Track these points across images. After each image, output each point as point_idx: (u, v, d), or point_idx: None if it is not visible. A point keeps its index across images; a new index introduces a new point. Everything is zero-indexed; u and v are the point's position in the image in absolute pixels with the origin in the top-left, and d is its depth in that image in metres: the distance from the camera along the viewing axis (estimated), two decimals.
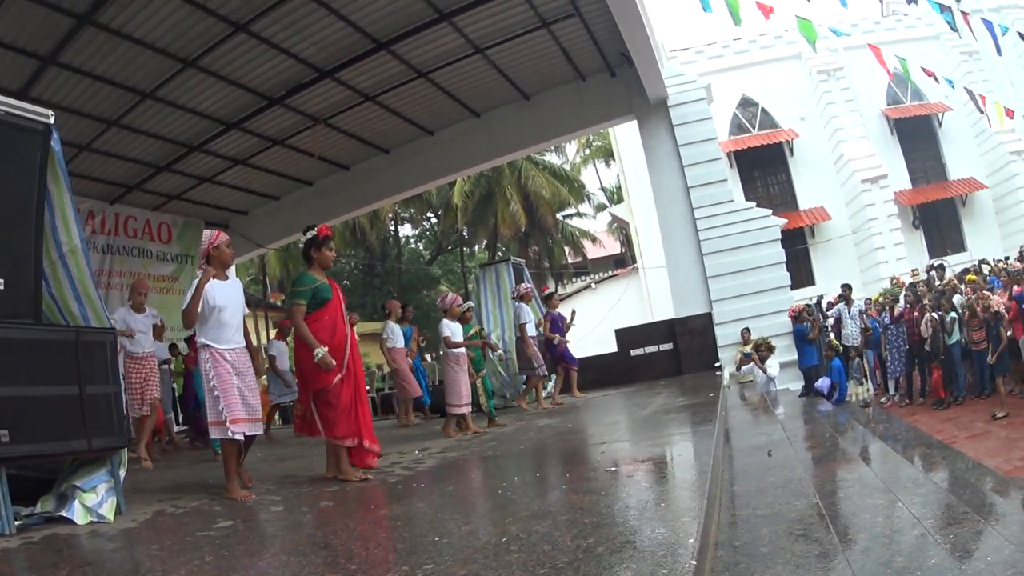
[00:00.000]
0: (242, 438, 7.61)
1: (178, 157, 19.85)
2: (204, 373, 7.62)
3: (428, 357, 19.25)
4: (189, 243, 23.83)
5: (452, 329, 12.72)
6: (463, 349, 12.75)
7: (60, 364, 6.42)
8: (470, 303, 15.14)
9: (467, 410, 12.58)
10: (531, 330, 16.23)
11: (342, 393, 8.15)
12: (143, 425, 11.93)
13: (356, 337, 8.73)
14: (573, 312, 18.05)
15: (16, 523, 6.12)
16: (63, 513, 6.46)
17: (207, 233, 8.02)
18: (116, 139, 18.16)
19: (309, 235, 8.40)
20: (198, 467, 11.56)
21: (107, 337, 7.02)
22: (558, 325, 17.01)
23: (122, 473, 7.04)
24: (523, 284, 17.52)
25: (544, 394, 16.68)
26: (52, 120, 6.66)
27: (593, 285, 41.86)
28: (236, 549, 5.28)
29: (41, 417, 6.17)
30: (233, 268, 12.51)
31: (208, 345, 7.54)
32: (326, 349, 7.91)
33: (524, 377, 16.58)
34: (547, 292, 18.95)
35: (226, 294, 7.75)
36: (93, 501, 6.58)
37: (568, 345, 17.17)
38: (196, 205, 23.49)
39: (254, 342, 12.89)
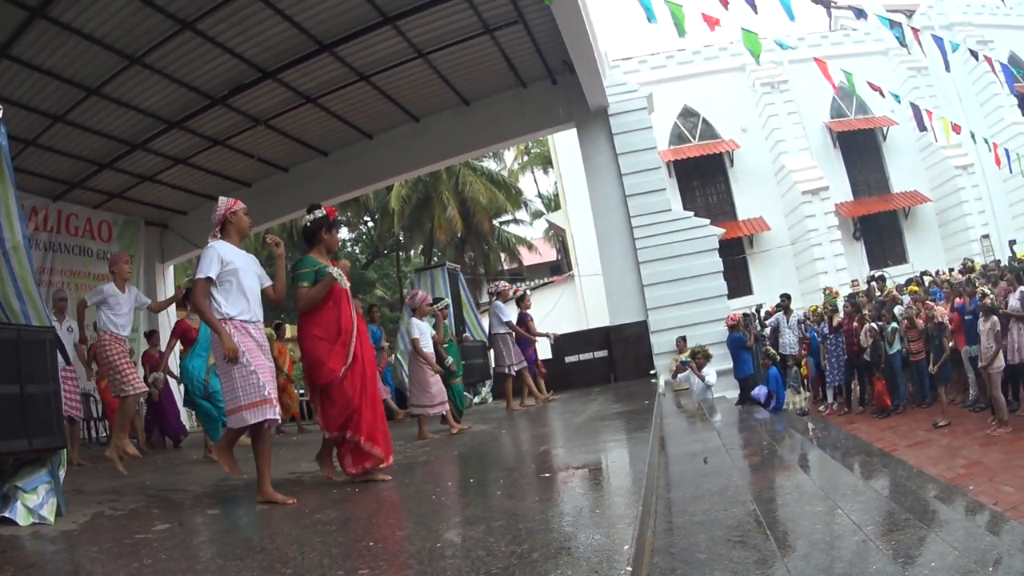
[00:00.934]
0: (272, 417, 6.99)
1: (121, 155, 19.74)
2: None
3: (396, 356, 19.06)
4: (129, 242, 23.69)
5: (421, 329, 12.45)
6: (431, 347, 12.56)
7: (0, 363, 6.38)
8: (446, 300, 15.11)
9: (442, 408, 12.30)
10: (500, 328, 15.99)
11: (344, 386, 7.53)
12: (123, 409, 10.82)
13: (365, 324, 8.18)
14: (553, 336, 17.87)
15: None
16: (6, 514, 6.41)
17: (223, 200, 7.53)
18: (62, 135, 18.04)
19: (317, 214, 7.88)
20: (135, 468, 11.47)
21: (47, 335, 6.93)
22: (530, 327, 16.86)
23: (62, 474, 6.96)
24: (501, 282, 17.21)
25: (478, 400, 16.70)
26: (0, 114, 6.63)
27: (528, 292, 41.92)
28: (173, 552, 5.27)
29: None
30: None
31: (232, 318, 7.02)
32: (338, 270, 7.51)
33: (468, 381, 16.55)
34: (519, 293, 18.78)
35: (247, 265, 7.29)
36: (35, 502, 6.53)
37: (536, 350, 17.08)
38: (136, 204, 23.38)
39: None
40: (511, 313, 16.29)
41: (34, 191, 20.14)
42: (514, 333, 16.01)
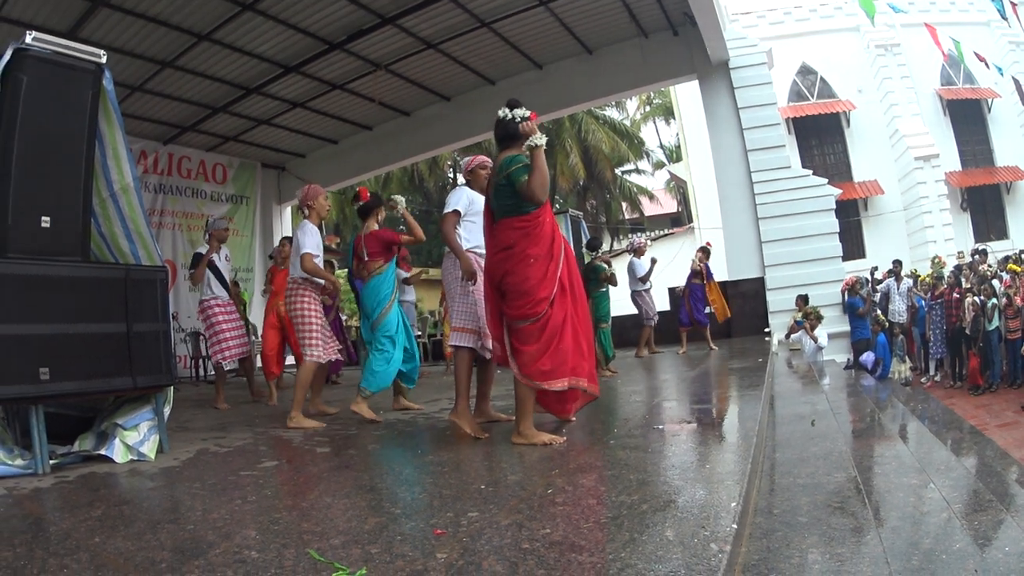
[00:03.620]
0: (472, 346, 7.37)
1: (234, 99, 19.98)
2: (457, 278, 7.44)
3: None
4: (244, 184, 24.28)
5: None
6: None
7: (107, 301, 6.45)
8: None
9: None
10: (637, 285, 16.51)
11: (551, 317, 6.18)
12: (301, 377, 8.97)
13: (571, 247, 7.01)
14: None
15: (51, 462, 6.14)
16: (102, 451, 6.48)
17: (481, 158, 7.80)
18: (170, 80, 18.26)
19: (517, 113, 6.70)
20: (245, 406, 11.52)
21: (158, 275, 6.99)
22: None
23: (167, 411, 7.03)
24: (638, 237, 17.90)
25: None
26: (104, 60, 6.61)
27: (649, 242, 41.89)
28: (279, 489, 5.30)
29: (84, 355, 6.20)
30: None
31: (472, 248, 7.51)
32: None
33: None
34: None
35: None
36: (135, 439, 6.59)
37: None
38: (252, 147, 23.72)
39: None
40: (644, 269, 16.62)
41: (144, 135, 20.56)
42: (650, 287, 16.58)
